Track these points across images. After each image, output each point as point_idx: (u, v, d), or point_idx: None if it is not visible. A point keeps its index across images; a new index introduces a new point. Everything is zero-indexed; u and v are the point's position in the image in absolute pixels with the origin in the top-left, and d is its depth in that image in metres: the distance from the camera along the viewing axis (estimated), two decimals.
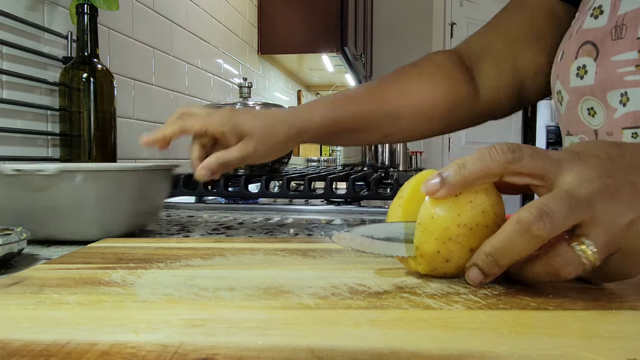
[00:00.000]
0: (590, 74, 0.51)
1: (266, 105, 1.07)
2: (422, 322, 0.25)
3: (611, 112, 0.50)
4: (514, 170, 0.30)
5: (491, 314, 0.27)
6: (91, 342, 0.22)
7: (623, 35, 0.48)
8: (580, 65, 0.52)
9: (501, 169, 0.30)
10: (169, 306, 0.28)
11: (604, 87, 0.50)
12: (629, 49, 0.47)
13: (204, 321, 0.25)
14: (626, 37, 0.48)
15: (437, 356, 0.21)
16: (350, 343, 0.22)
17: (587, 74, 0.51)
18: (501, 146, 0.31)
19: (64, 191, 0.46)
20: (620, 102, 0.49)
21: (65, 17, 0.86)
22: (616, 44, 0.48)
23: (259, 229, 0.60)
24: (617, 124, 0.50)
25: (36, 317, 0.26)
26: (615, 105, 0.50)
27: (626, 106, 0.49)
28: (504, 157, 0.30)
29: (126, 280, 0.33)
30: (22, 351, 0.21)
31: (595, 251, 0.28)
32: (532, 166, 0.30)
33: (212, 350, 0.21)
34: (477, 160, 0.30)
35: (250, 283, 0.32)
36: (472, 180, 0.31)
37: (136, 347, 0.22)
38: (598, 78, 0.50)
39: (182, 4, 1.34)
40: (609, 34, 0.49)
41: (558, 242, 0.29)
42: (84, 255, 0.41)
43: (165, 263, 0.38)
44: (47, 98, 0.82)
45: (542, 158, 0.30)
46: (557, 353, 0.22)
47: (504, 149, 0.30)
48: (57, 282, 0.32)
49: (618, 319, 0.26)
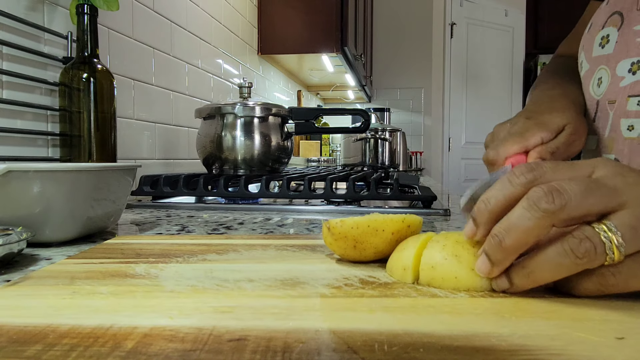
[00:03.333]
0: (611, 43, 0.51)
1: (266, 105, 1.07)
2: (430, 308, 0.27)
3: (617, 80, 0.50)
4: (563, 219, 0.27)
5: (493, 301, 0.29)
6: (132, 326, 0.24)
7: None
8: (604, 35, 0.52)
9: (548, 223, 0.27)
10: (195, 295, 0.29)
11: (619, 56, 0.50)
12: None
13: (231, 308, 0.27)
14: None
15: (446, 337, 0.23)
16: (367, 326, 0.24)
17: (609, 43, 0.51)
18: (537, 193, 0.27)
19: (12, 192, 0.43)
20: (630, 71, 0.49)
21: (65, 17, 0.86)
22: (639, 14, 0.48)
23: (259, 229, 0.60)
24: (623, 92, 0.50)
25: (75, 305, 0.28)
26: (622, 73, 0.50)
27: (636, 74, 0.48)
28: (546, 208, 0.26)
29: (150, 273, 0.35)
30: (71, 334, 0.23)
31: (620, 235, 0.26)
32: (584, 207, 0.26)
33: (244, 333, 0.23)
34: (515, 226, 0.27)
35: (267, 275, 0.34)
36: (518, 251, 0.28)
37: (174, 329, 0.24)
38: (617, 47, 0.50)
39: (182, 4, 1.34)
40: (635, 3, 0.49)
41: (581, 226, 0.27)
42: (104, 250, 0.43)
43: (183, 257, 0.40)
44: (47, 98, 0.82)
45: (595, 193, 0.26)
46: (553, 333, 0.24)
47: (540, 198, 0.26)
48: (86, 275, 0.34)
49: (608, 305, 0.28)
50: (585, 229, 0.26)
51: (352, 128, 1.41)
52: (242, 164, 1.04)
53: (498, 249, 0.28)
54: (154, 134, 1.18)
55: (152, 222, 0.66)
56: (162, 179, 0.86)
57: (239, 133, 1.04)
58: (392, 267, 0.34)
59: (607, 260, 0.26)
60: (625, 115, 0.51)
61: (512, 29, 4.02)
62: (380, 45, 3.72)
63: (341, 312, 0.26)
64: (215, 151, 1.04)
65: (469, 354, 0.21)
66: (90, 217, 0.50)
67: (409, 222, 0.37)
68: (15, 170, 0.42)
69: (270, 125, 1.07)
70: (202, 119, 1.09)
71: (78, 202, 0.48)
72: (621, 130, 0.52)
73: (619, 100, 0.50)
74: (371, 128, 2.00)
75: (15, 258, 0.41)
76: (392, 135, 2.02)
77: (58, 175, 0.45)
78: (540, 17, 4.51)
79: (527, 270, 0.28)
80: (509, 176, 0.29)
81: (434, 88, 3.76)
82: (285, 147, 1.10)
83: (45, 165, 0.46)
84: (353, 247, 0.36)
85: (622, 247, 0.26)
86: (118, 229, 0.60)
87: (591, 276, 0.27)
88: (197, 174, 0.95)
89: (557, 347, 0.22)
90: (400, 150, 2.05)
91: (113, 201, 0.53)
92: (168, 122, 1.24)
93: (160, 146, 1.21)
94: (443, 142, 3.85)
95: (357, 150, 2.02)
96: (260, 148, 1.05)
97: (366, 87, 3.10)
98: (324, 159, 2.15)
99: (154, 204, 0.84)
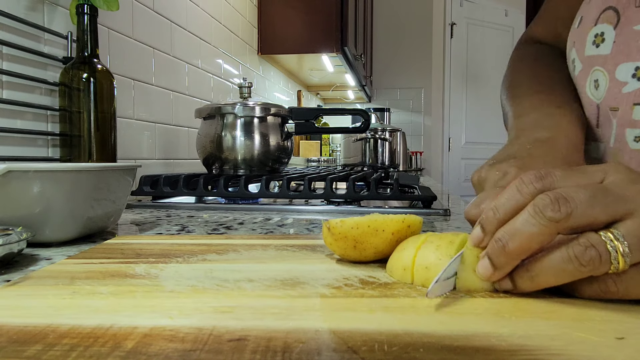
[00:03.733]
0: (607, 43, 0.47)
1: (266, 105, 1.07)
2: (430, 309, 0.27)
3: (618, 85, 0.46)
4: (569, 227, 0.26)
5: (493, 302, 0.29)
6: (132, 326, 0.24)
7: None
8: (598, 33, 0.48)
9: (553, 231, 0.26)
10: (195, 295, 0.29)
11: (617, 58, 0.46)
12: None
13: (231, 308, 0.27)
14: None
15: (446, 337, 0.23)
16: (367, 326, 0.24)
17: (605, 42, 0.47)
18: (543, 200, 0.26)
19: (12, 192, 0.43)
20: (634, 76, 0.45)
21: (65, 17, 0.86)
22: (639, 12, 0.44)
23: (259, 229, 0.60)
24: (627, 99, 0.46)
25: (75, 305, 0.28)
26: (624, 79, 0.46)
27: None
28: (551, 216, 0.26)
29: (150, 273, 0.35)
30: (71, 334, 0.23)
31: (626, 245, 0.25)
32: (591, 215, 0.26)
33: (244, 332, 0.23)
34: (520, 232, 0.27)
35: (267, 275, 0.34)
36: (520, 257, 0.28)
37: (174, 329, 0.24)
38: (616, 48, 0.46)
39: (182, 4, 1.34)
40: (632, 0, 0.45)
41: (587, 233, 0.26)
42: (104, 251, 0.43)
43: (183, 258, 0.40)
44: (47, 98, 0.82)
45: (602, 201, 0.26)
46: (553, 333, 0.24)
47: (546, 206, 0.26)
48: (86, 275, 0.34)
49: (608, 305, 0.28)
50: (591, 236, 0.26)
51: (352, 128, 1.41)
52: (242, 164, 1.05)
53: (501, 253, 0.28)
54: (154, 134, 1.18)
55: (152, 222, 0.66)
56: (162, 179, 0.86)
57: (239, 133, 1.04)
58: (392, 267, 0.34)
59: (612, 269, 0.26)
60: (631, 125, 0.47)
61: (512, 29, 4.02)
62: (380, 45, 3.72)
63: (341, 312, 0.26)
64: (215, 151, 1.04)
65: (469, 354, 0.21)
66: (90, 217, 0.50)
67: (409, 222, 0.37)
68: (15, 170, 0.42)
69: (270, 125, 1.07)
70: (202, 119, 1.09)
71: (78, 202, 0.48)
72: (627, 141, 0.48)
73: (622, 108, 0.47)
74: (371, 128, 2.00)
75: (15, 258, 0.41)
76: (392, 135, 2.02)
77: (58, 175, 0.45)
78: None
79: (532, 273, 0.28)
80: (517, 185, 0.29)
81: (434, 88, 3.76)
82: (285, 147, 1.10)
83: (45, 165, 0.46)
84: (353, 247, 0.36)
85: (627, 257, 0.25)
86: (118, 229, 0.60)
87: (592, 282, 0.27)
88: (197, 174, 0.95)
89: (557, 347, 0.22)
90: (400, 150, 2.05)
91: (113, 201, 0.53)
92: (168, 122, 1.24)
93: (160, 146, 1.21)
94: (443, 142, 3.86)
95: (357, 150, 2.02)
96: (260, 148, 1.05)
97: (366, 87, 3.10)
98: (324, 159, 2.15)
99: (154, 204, 0.84)
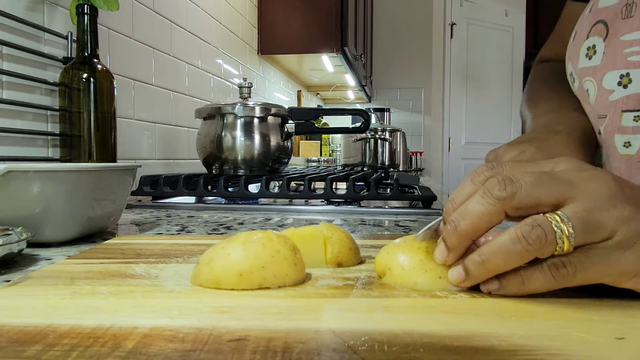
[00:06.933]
0: (598, 54, 0.49)
1: (266, 105, 1.07)
2: (430, 309, 0.27)
3: (605, 93, 0.47)
4: (515, 207, 0.28)
5: (493, 302, 0.29)
6: (132, 326, 0.24)
7: (633, 13, 0.46)
8: (590, 46, 0.50)
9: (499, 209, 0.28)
10: (195, 296, 0.29)
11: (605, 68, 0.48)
12: (637, 28, 0.45)
13: (231, 308, 0.27)
14: (635, 15, 0.45)
15: (446, 337, 0.23)
16: (367, 326, 0.24)
17: (596, 54, 0.49)
18: (491, 182, 0.28)
19: (12, 192, 0.43)
20: (620, 84, 0.47)
21: (65, 17, 0.86)
22: (625, 23, 0.46)
23: (259, 229, 0.60)
24: (615, 107, 0.47)
25: (75, 305, 0.28)
26: (611, 87, 0.47)
27: (627, 88, 0.46)
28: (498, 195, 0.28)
29: (150, 273, 0.35)
30: (71, 334, 0.23)
31: (571, 226, 0.26)
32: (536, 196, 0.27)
33: (244, 333, 0.23)
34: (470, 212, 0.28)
35: None
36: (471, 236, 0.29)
37: (174, 329, 0.24)
38: (605, 59, 0.48)
39: (182, 4, 1.34)
40: (619, 12, 0.47)
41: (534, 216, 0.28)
42: (104, 251, 0.43)
43: (183, 258, 0.40)
44: (47, 98, 0.82)
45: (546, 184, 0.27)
46: (553, 333, 0.24)
47: (494, 186, 0.28)
48: (86, 275, 0.34)
49: (608, 305, 0.28)
50: (537, 217, 0.27)
51: (352, 128, 1.41)
52: (242, 164, 1.04)
53: (453, 234, 0.29)
54: (154, 134, 1.18)
55: (152, 222, 0.66)
56: (162, 179, 0.86)
57: (239, 133, 1.04)
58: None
59: (557, 250, 0.27)
60: (620, 131, 0.49)
61: (512, 29, 4.02)
62: (380, 45, 3.72)
63: (341, 312, 0.27)
64: (215, 151, 1.05)
65: (469, 354, 0.21)
66: (90, 217, 0.50)
67: None
68: (15, 170, 0.42)
69: (270, 125, 1.07)
70: (202, 119, 1.09)
71: (78, 202, 0.47)
72: (616, 146, 0.50)
73: (610, 115, 0.48)
74: (371, 128, 2.00)
75: (15, 258, 0.41)
76: (392, 136, 2.02)
77: (58, 175, 0.45)
78: (540, 17, 4.51)
79: (482, 257, 0.28)
80: (471, 176, 0.31)
81: (434, 88, 3.76)
82: (285, 147, 1.10)
83: (45, 165, 0.46)
84: None
85: (572, 238, 0.26)
86: (118, 229, 0.60)
87: (542, 266, 0.28)
88: (197, 174, 0.95)
89: (557, 347, 0.22)
90: (400, 151, 2.05)
91: (113, 201, 0.53)
92: (168, 122, 1.24)
93: (160, 146, 1.20)
94: (443, 142, 3.85)
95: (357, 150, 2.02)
96: (260, 148, 1.05)
97: (366, 87, 3.10)
98: (324, 159, 2.15)
99: (154, 204, 0.84)
